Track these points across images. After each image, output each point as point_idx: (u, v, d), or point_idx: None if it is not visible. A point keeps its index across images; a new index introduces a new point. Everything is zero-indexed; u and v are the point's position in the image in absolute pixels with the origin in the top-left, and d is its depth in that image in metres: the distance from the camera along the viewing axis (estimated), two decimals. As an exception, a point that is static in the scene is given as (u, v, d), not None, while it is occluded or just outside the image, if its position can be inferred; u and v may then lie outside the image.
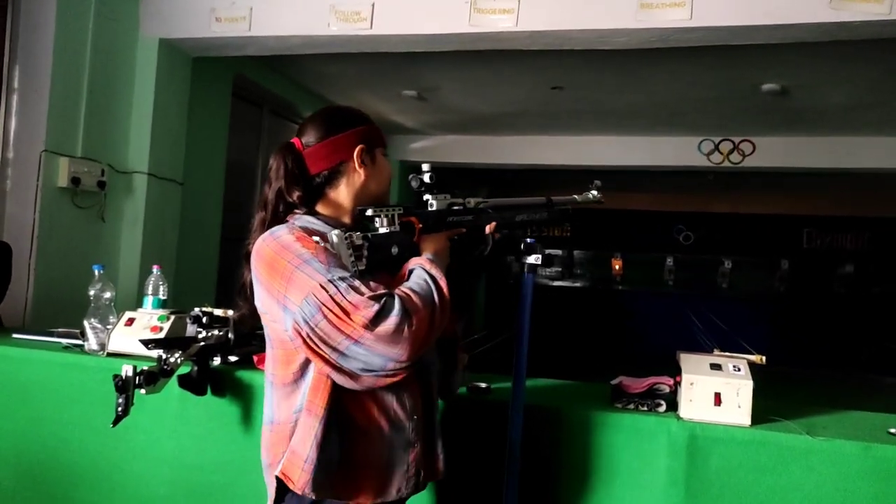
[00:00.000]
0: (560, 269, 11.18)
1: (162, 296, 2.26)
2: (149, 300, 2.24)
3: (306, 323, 1.16)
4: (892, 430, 1.65)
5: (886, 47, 4.14)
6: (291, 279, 1.19)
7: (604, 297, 11.05)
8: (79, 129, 3.55)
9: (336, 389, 1.24)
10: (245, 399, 1.94)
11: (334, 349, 1.16)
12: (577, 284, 11.30)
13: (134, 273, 3.79)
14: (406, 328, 1.16)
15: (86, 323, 2.17)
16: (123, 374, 1.69)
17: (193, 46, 4.02)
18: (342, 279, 1.18)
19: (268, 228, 1.33)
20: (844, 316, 10.00)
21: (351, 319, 1.14)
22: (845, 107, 5.49)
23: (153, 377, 1.74)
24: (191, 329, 2.00)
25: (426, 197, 1.41)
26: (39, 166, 3.35)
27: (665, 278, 10.81)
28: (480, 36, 3.48)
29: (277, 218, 1.37)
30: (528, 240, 1.56)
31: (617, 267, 11.04)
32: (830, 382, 8.76)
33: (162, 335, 2.05)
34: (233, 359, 2.02)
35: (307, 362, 1.26)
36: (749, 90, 5.22)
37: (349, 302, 1.15)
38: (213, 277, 4.79)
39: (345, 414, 1.27)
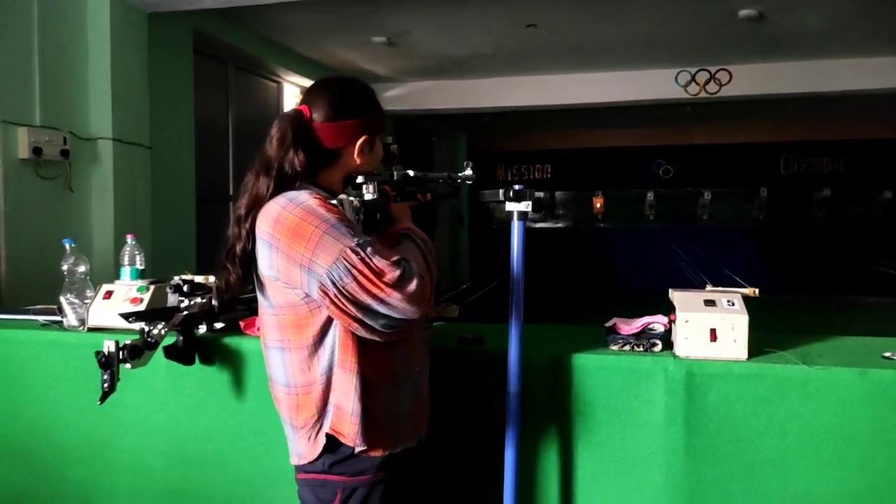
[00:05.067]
0: (542, 211, 11.17)
1: (139, 265, 2.18)
2: (126, 271, 2.16)
3: (334, 284, 1.23)
4: (887, 354, 1.66)
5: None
6: (320, 243, 1.24)
7: (587, 236, 11.10)
8: (34, 96, 3.38)
9: (361, 345, 1.30)
10: (235, 365, 1.90)
11: (361, 307, 1.23)
12: (560, 225, 11.33)
13: (108, 244, 3.68)
14: (422, 289, 1.26)
15: (62, 299, 2.09)
16: (105, 349, 1.63)
17: (146, 1, 3.82)
18: (367, 243, 1.25)
19: (273, 193, 1.33)
20: (823, 239, 10.15)
21: (381, 280, 1.22)
22: (821, 30, 5.41)
23: (137, 351, 1.69)
24: (172, 298, 1.94)
25: (391, 169, 1.53)
26: (-3, 138, 3.20)
27: (646, 213, 10.86)
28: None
29: (284, 183, 1.35)
30: (517, 186, 1.51)
31: (598, 205, 11.06)
32: (815, 307, 8.92)
33: (142, 307, 1.99)
34: (218, 326, 1.97)
35: (327, 324, 1.31)
36: (726, 17, 5.10)
37: (376, 265, 1.22)
38: (192, 241, 4.69)
39: (366, 369, 1.33)
